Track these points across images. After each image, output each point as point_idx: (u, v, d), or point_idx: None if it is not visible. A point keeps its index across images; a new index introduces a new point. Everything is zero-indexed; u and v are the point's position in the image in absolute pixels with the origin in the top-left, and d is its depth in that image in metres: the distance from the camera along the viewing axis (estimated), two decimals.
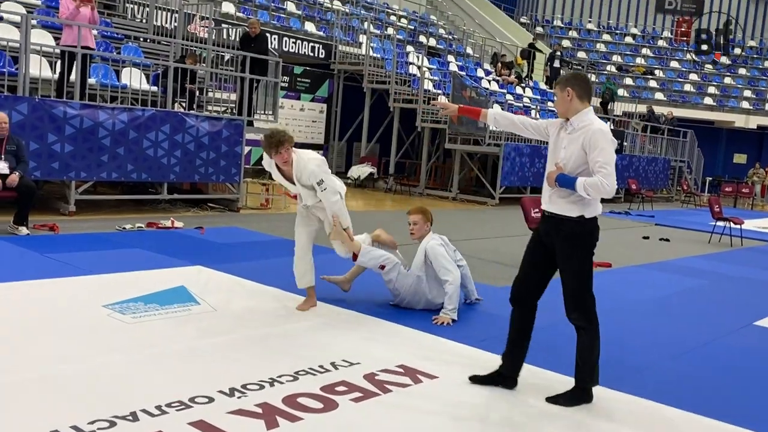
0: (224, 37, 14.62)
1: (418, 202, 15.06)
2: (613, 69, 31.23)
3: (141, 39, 12.82)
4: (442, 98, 17.35)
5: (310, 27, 19.12)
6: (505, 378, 4.24)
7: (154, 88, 11.12)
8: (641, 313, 6.61)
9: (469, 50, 24.52)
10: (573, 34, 33.09)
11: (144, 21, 14.13)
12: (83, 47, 9.41)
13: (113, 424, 3.28)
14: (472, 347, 4.97)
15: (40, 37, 10.22)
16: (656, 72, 31.64)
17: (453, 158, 17.59)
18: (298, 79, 17.63)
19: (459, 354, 4.81)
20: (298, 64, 17.75)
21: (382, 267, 5.63)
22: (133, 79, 10.70)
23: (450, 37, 24.69)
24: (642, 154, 22.63)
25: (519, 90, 22.12)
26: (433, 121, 17.32)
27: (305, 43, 17.84)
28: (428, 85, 17.96)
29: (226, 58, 13.07)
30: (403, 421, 3.66)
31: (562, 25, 33.45)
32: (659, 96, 30.02)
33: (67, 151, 9.10)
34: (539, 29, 31.82)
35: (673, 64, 32.20)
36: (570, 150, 4.01)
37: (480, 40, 25.32)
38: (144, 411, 3.44)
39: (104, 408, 3.43)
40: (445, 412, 3.81)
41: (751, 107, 29.83)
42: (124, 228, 8.65)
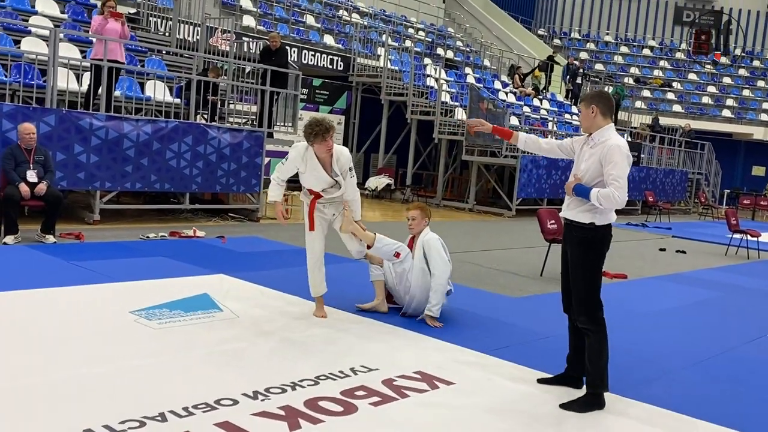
0: (245, 50, 14.90)
1: (436, 213, 15.18)
2: (631, 81, 31.25)
3: (164, 52, 13.09)
4: (462, 114, 17.51)
5: (329, 40, 19.38)
6: (571, 379, 4.48)
7: (177, 100, 11.37)
8: (656, 323, 6.69)
9: (486, 62, 24.67)
10: (591, 46, 33.16)
11: (167, 34, 14.41)
12: (113, 60, 9.66)
13: (143, 424, 3.43)
14: (489, 355, 5.08)
15: (67, 50, 10.50)
16: (674, 84, 31.62)
17: (470, 170, 17.71)
18: (316, 91, 17.86)
19: (475, 362, 4.92)
20: (317, 76, 17.99)
21: (397, 255, 5.76)
22: (157, 91, 10.96)
23: (467, 49, 24.87)
24: (659, 166, 22.62)
25: (536, 102, 22.23)
26: (450, 132, 17.47)
27: (324, 55, 18.08)
28: (445, 97, 18.12)
29: (247, 70, 13.31)
30: (421, 424, 3.78)
31: (580, 38, 33.54)
32: (677, 108, 30.00)
33: (92, 161, 9.32)
34: (557, 41, 31.94)
35: (691, 76, 32.16)
36: (589, 163, 4.27)
37: (497, 53, 25.48)
38: (172, 412, 3.59)
39: (134, 409, 3.58)
40: (462, 418, 3.93)
41: None
42: (148, 237, 8.85)
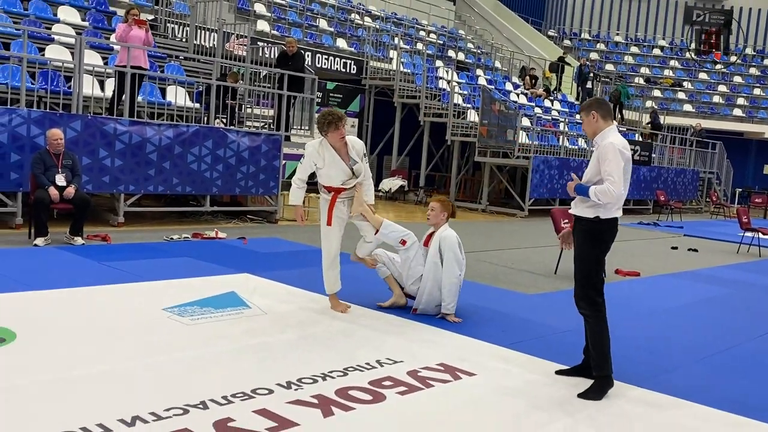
0: (260, 54, 15.15)
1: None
2: (642, 81, 31.34)
3: (182, 58, 13.36)
4: (474, 115, 17.68)
5: (341, 43, 19.61)
6: (588, 369, 4.64)
7: (197, 105, 11.64)
8: (669, 319, 6.87)
9: (497, 64, 24.86)
10: (601, 46, 33.26)
11: (184, 40, 14.69)
12: (137, 67, 9.93)
13: (186, 412, 3.66)
14: (507, 348, 5.29)
15: (89, 57, 10.77)
16: (684, 84, 31.68)
17: (482, 171, 17.90)
18: (330, 94, 18.10)
19: (494, 354, 5.13)
20: (331, 79, 18.23)
21: (403, 242, 5.95)
22: (177, 96, 11.23)
23: (478, 51, 25.06)
24: (670, 165, 22.74)
25: (547, 103, 22.40)
26: (463, 134, 17.67)
27: (337, 59, 18.32)
28: (458, 99, 18.32)
29: (262, 74, 13.55)
30: (447, 412, 4.00)
31: (590, 38, 33.65)
32: (688, 108, 30.06)
33: (116, 165, 9.59)
34: (567, 42, 32.07)
35: (702, 75, 32.21)
36: (591, 163, 4.62)
37: (508, 54, 25.65)
38: (212, 400, 3.82)
39: (176, 397, 3.82)
40: (485, 406, 4.15)
41: None
42: (172, 238, 9.10)
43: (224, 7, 16.61)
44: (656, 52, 33.41)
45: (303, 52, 14.40)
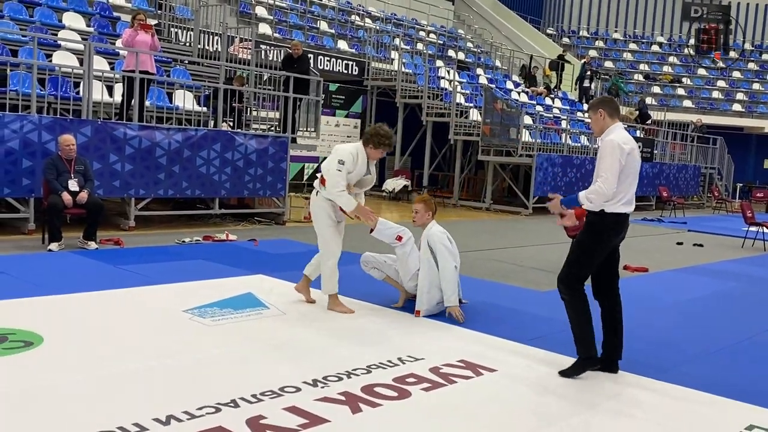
0: (262, 57, 15.22)
1: (453, 213, 15.47)
2: (641, 78, 31.43)
3: (186, 62, 13.43)
4: (476, 115, 17.73)
5: (342, 45, 19.69)
6: (608, 362, 4.82)
7: (204, 109, 11.71)
8: (680, 313, 6.95)
9: (497, 63, 24.93)
10: (599, 44, 33.35)
11: (188, 44, 14.75)
12: (143, 72, 9.99)
13: (218, 410, 3.73)
14: (524, 344, 5.36)
15: (97, 63, 10.82)
16: (684, 80, 31.78)
17: (485, 169, 17.98)
18: (333, 95, 18.17)
19: (513, 350, 5.21)
20: (333, 81, 18.30)
21: (399, 238, 6.01)
22: (184, 100, 11.30)
23: (478, 50, 25.14)
24: (672, 161, 22.82)
25: (548, 101, 22.48)
26: (465, 133, 17.74)
27: (339, 60, 18.39)
28: (459, 99, 18.39)
29: (265, 77, 13.61)
30: (472, 407, 4.07)
31: (589, 36, 33.74)
32: (687, 103, 30.16)
33: (127, 170, 9.66)
34: (566, 40, 32.15)
35: (701, 71, 32.31)
36: (597, 159, 4.76)
37: (507, 53, 25.73)
38: (242, 399, 3.89)
39: (207, 396, 3.89)
40: (509, 400, 4.22)
41: None
42: (183, 241, 9.17)
43: (226, 11, 16.69)
44: (655, 48, 33.51)
45: (308, 54, 14.46)
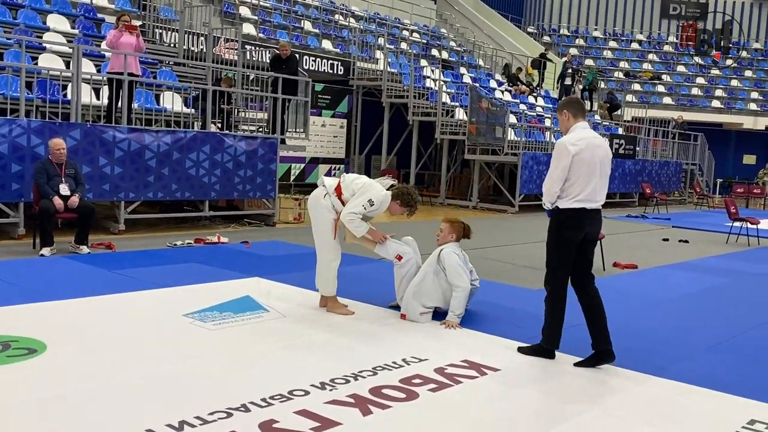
0: (247, 57, 15.17)
1: (440, 211, 15.51)
2: (621, 75, 31.71)
3: (172, 63, 13.36)
4: (462, 114, 17.80)
5: (327, 45, 19.67)
6: (603, 354, 4.97)
7: (192, 111, 11.66)
8: (671, 309, 7.05)
9: (480, 62, 25.03)
10: (580, 42, 33.59)
11: (172, 45, 14.67)
12: (129, 74, 9.93)
13: (230, 415, 3.74)
14: (523, 343, 5.40)
15: (84, 65, 10.74)
16: (663, 77, 32.10)
17: (471, 168, 18.06)
18: (318, 96, 18.15)
19: (513, 349, 5.25)
20: (319, 81, 18.26)
21: (399, 257, 6.01)
22: (171, 102, 11.24)
23: (461, 49, 25.22)
24: (654, 158, 23.06)
25: (531, 99, 22.61)
26: (452, 132, 17.81)
27: (324, 60, 18.38)
28: (445, 98, 18.45)
29: (251, 77, 13.57)
30: (480, 406, 4.11)
31: (569, 34, 33.97)
32: (667, 100, 30.48)
33: (116, 173, 9.61)
34: (547, 38, 32.35)
35: (680, 68, 32.66)
36: None
37: (490, 51, 25.84)
38: (252, 403, 3.90)
39: (217, 401, 3.89)
40: (516, 399, 4.27)
41: (758, 108, 30.26)
42: (175, 244, 9.14)
43: (210, 12, 16.62)
44: (635, 46, 33.82)
45: (296, 55, 14.43)
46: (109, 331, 5.17)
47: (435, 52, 23.51)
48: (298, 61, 14.03)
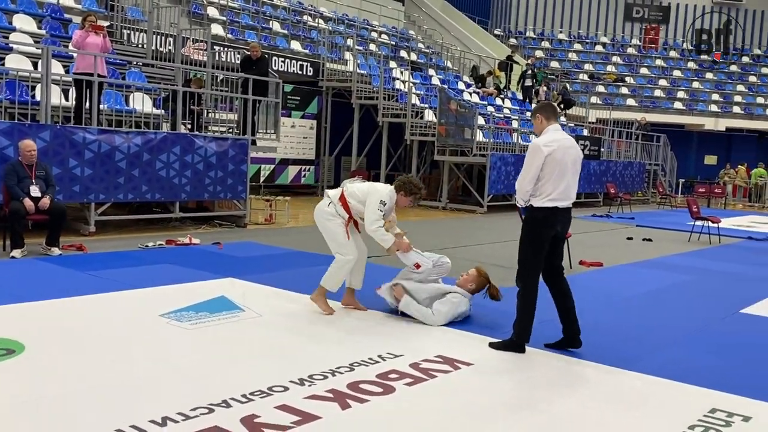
0: (216, 58, 15.16)
1: (411, 212, 15.62)
2: (586, 77, 32.21)
3: (141, 64, 13.31)
4: (431, 115, 17.97)
5: (296, 45, 19.70)
6: (570, 339, 5.31)
7: (161, 112, 11.64)
8: (636, 306, 7.26)
9: (448, 64, 25.26)
10: (545, 44, 34.05)
11: (141, 46, 14.60)
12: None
13: (212, 410, 3.82)
14: (494, 339, 5.55)
15: (52, 66, 10.67)
16: (627, 79, 32.69)
17: (441, 169, 18.24)
18: (288, 97, 18.18)
19: (485, 344, 5.40)
20: (288, 82, 18.28)
21: (417, 266, 6.15)
22: (140, 103, 11.21)
23: (429, 51, 25.42)
24: (618, 159, 23.50)
25: (498, 101, 22.89)
26: (421, 134, 17.98)
27: (293, 61, 18.41)
28: (414, 99, 18.61)
29: (219, 78, 13.57)
30: (455, 399, 4.24)
31: (535, 36, 34.41)
32: (631, 102, 31.04)
33: (86, 174, 9.57)
34: (513, 41, 32.73)
35: (643, 70, 33.28)
36: None
37: (458, 53, 26.09)
38: (233, 399, 3.98)
39: (199, 398, 3.96)
40: (490, 391, 4.42)
41: (719, 110, 30.98)
42: (147, 246, 9.13)
43: (178, 12, 16.56)
44: (599, 48, 34.38)
45: (266, 56, 14.45)
46: (87, 331, 5.20)
47: (404, 53, 23.67)
48: (268, 62, 14.05)
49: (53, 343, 4.86)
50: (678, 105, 31.14)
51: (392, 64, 21.56)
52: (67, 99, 10.39)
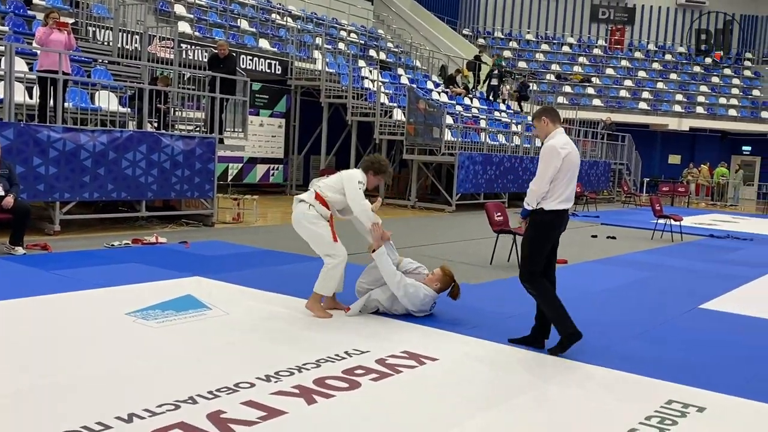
0: (183, 56, 15.06)
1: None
2: (552, 77, 32.57)
3: (107, 62, 13.18)
4: (400, 114, 18.05)
5: (264, 44, 19.65)
6: (533, 338, 5.41)
7: (127, 110, 11.54)
8: (600, 301, 7.41)
9: (417, 63, 25.37)
10: (513, 44, 34.36)
11: (106, 43, 14.45)
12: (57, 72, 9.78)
13: (177, 407, 3.83)
14: (461, 335, 5.65)
15: (16, 63, 10.53)
16: (593, 79, 33.12)
17: (410, 168, 18.33)
18: (256, 95, 18.13)
19: (451, 340, 5.49)
20: (256, 80, 18.23)
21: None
22: (104, 101, 11.11)
23: (398, 50, 25.52)
24: (584, 158, 23.80)
25: (467, 101, 23.06)
26: (390, 133, 18.05)
27: (262, 60, 18.36)
28: (383, 99, 18.67)
29: (186, 76, 13.49)
30: (420, 393, 4.31)
31: (503, 36, 34.70)
32: (597, 102, 31.46)
33: (51, 173, 9.46)
34: (481, 41, 32.97)
35: (609, 71, 33.75)
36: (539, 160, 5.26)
37: (426, 53, 26.21)
38: (199, 396, 4.00)
39: (165, 395, 3.97)
40: (454, 385, 4.49)
41: (683, 110, 31.54)
42: (113, 245, 9.06)
43: (144, 10, 16.41)
44: (565, 49, 34.78)
45: (234, 54, 14.40)
46: (53, 330, 5.17)
47: (373, 52, 23.73)
48: (236, 60, 14.00)
49: (18, 342, 4.82)
50: (643, 105, 31.64)
51: (361, 63, 21.60)
52: (31, 97, 10.27)
